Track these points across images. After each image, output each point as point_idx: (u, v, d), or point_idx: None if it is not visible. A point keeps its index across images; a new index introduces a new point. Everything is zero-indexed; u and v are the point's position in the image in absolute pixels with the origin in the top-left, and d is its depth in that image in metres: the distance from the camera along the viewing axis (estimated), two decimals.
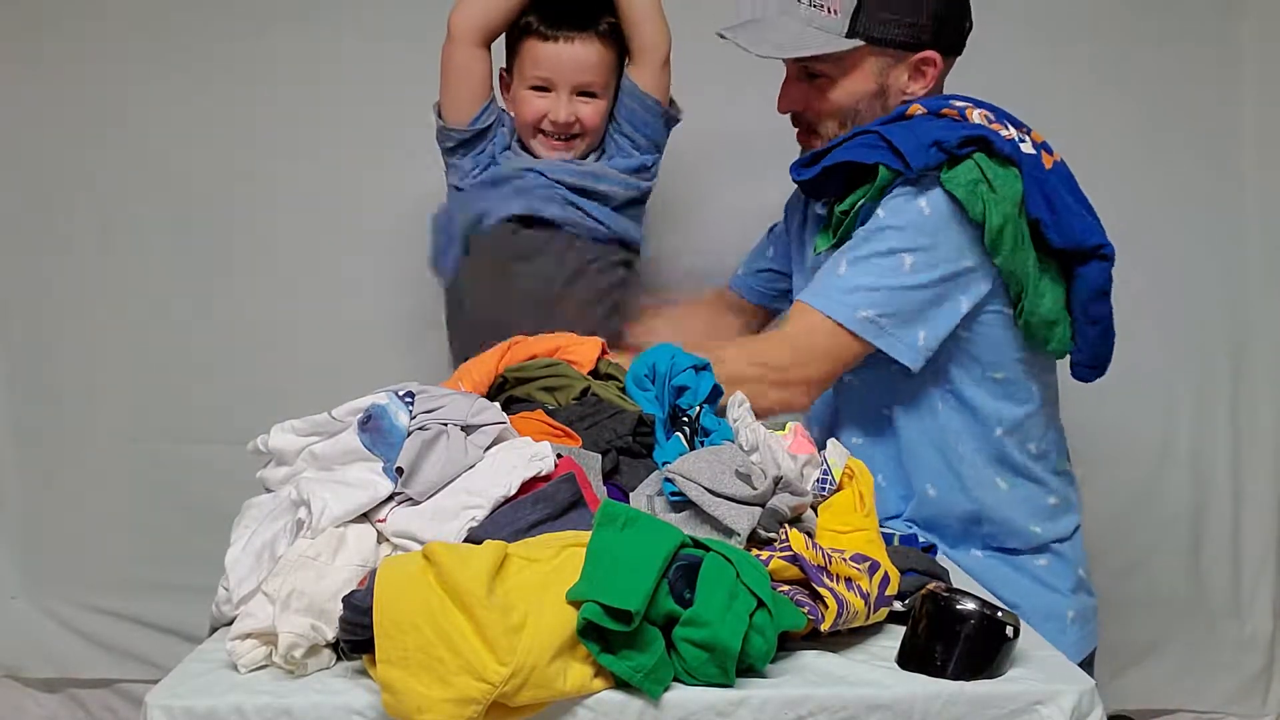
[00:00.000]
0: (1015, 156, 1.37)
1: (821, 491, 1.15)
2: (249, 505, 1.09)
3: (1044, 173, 1.39)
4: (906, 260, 1.36)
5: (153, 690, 0.87)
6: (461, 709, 0.83)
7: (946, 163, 1.36)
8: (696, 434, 1.23)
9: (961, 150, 1.35)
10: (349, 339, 1.99)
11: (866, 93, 1.46)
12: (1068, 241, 1.39)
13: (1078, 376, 1.53)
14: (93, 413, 2.03)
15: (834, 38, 1.41)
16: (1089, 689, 0.92)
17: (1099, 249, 1.41)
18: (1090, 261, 1.42)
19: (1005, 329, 1.43)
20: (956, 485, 1.46)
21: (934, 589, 0.98)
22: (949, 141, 1.35)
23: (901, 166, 1.35)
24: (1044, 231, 1.38)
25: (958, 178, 1.35)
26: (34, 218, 2.01)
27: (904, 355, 1.37)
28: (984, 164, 1.35)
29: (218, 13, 1.96)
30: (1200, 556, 2.13)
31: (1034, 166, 1.38)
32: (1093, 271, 1.42)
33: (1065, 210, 1.39)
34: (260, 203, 1.99)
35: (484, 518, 0.99)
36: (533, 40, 1.53)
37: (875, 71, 1.45)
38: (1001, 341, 1.44)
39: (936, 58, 1.45)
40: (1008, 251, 1.36)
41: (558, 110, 1.54)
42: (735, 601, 0.89)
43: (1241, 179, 2.06)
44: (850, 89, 1.46)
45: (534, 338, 1.40)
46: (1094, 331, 1.46)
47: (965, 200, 1.34)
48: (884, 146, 1.38)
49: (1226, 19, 2.01)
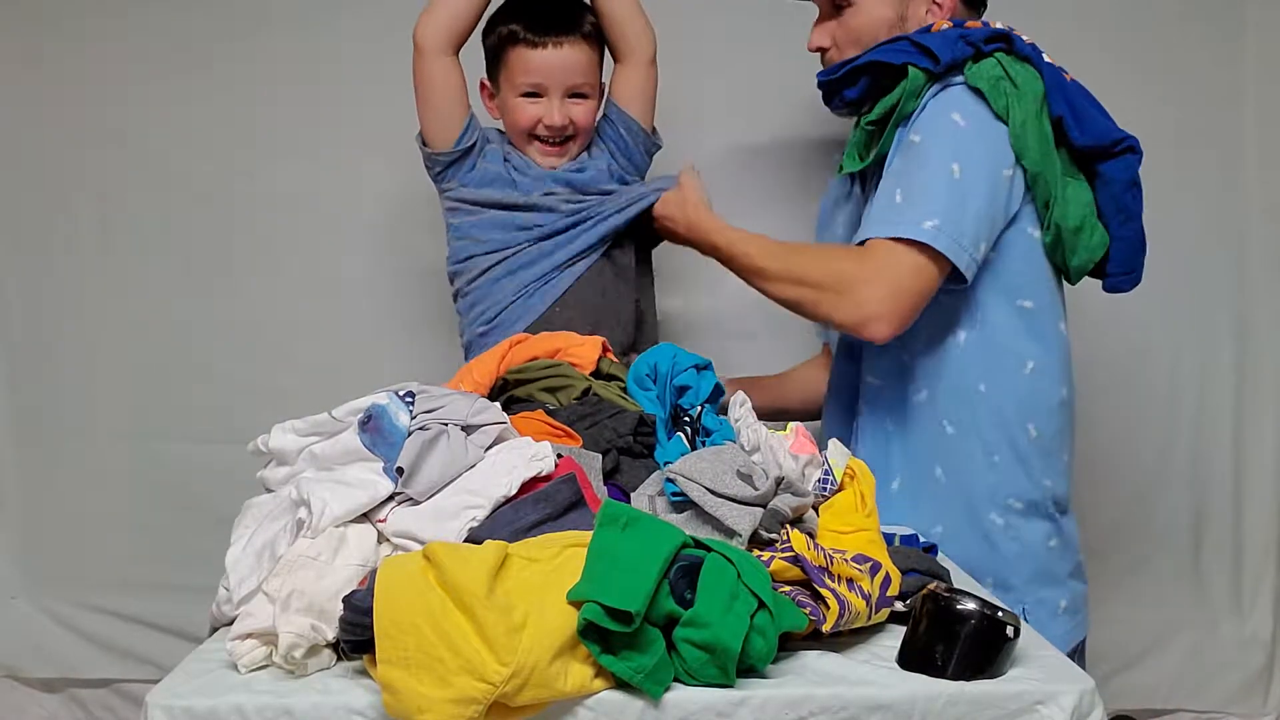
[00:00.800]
0: (1034, 57, 1.41)
1: (823, 492, 1.15)
2: (249, 505, 1.09)
3: (1062, 78, 1.43)
4: (955, 169, 1.37)
5: (153, 690, 0.87)
6: (462, 709, 0.83)
7: (971, 58, 1.40)
8: (698, 434, 1.23)
9: (987, 46, 1.40)
10: (349, 339, 1.99)
11: (886, 20, 1.50)
12: (1091, 138, 1.41)
13: (1112, 288, 1.52)
14: (93, 413, 2.03)
15: None
16: (1089, 689, 0.92)
17: (1123, 142, 1.43)
18: (1117, 158, 1.44)
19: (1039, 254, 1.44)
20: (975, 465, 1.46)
21: (935, 589, 0.98)
22: (975, 36, 1.40)
23: (930, 63, 1.39)
24: (1067, 130, 1.40)
25: (981, 72, 1.39)
26: (34, 218, 2.01)
27: (969, 267, 1.37)
28: (1005, 61, 1.40)
29: (217, 13, 1.96)
30: (1200, 556, 2.13)
31: (1053, 71, 1.42)
32: (1121, 166, 1.44)
33: (1086, 109, 1.42)
34: (260, 203, 1.99)
35: (484, 518, 0.99)
36: (520, 48, 1.53)
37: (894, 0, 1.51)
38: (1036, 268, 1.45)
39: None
40: (1035, 154, 1.38)
41: (552, 114, 1.55)
42: (736, 602, 0.89)
43: (1244, 180, 2.05)
44: (870, 14, 1.51)
45: (535, 338, 1.40)
46: (1130, 229, 1.47)
47: (989, 94, 1.37)
48: (912, 49, 1.42)
49: (1230, 17, 2.01)
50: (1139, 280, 1.51)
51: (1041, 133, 1.39)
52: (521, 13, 1.54)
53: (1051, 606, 1.47)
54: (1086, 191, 1.45)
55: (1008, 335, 1.45)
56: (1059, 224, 1.42)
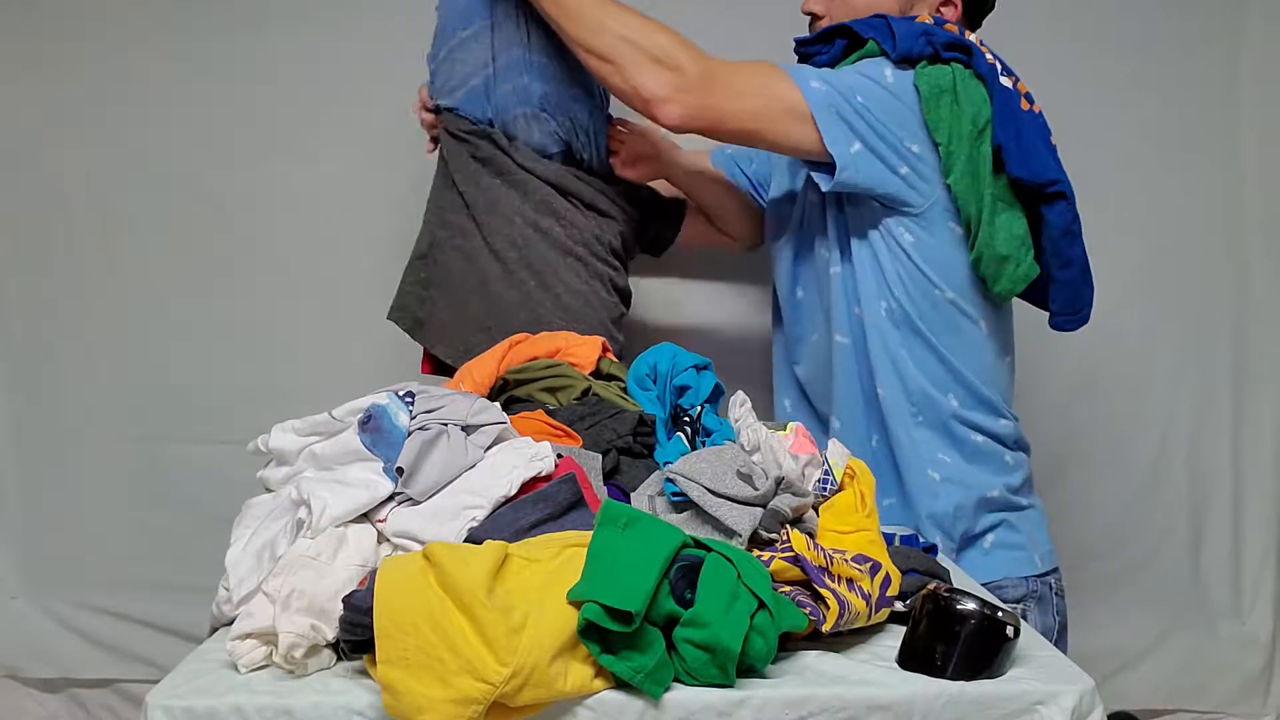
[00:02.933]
0: (990, 79, 1.40)
1: (823, 492, 1.15)
2: (249, 505, 1.09)
3: (1017, 108, 1.41)
4: (858, 95, 1.37)
5: (153, 690, 0.87)
6: (462, 709, 0.83)
7: (928, 58, 1.39)
8: (698, 434, 1.23)
9: (946, 53, 1.39)
10: (349, 339, 1.99)
11: (887, 7, 1.48)
12: (1027, 172, 1.40)
13: (1057, 326, 1.52)
14: (93, 413, 2.03)
15: None
16: (1089, 689, 0.92)
17: (1055, 184, 1.42)
18: (1051, 202, 1.42)
19: (956, 250, 1.44)
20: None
21: (935, 589, 0.98)
22: (938, 39, 1.39)
23: (889, 45, 1.39)
24: (1005, 159, 1.39)
25: (930, 76, 1.38)
26: (34, 218, 2.01)
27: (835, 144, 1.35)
28: (959, 74, 1.38)
29: (217, 13, 1.96)
30: (1200, 556, 2.13)
31: (1007, 98, 1.41)
32: (1056, 212, 1.43)
33: (1031, 146, 1.40)
34: (260, 203, 1.99)
35: (484, 518, 0.99)
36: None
37: None
38: (953, 261, 1.44)
39: (957, 3, 1.51)
40: (960, 173, 1.38)
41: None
42: (736, 602, 0.89)
43: (1244, 180, 2.06)
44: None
45: (535, 338, 1.40)
46: (1068, 274, 1.46)
47: (926, 101, 1.37)
48: (883, 28, 1.42)
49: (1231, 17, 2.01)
50: (1086, 320, 1.51)
51: (971, 155, 1.38)
52: None
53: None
54: (1021, 223, 1.43)
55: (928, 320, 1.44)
56: (985, 250, 1.41)
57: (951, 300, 1.44)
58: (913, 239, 1.43)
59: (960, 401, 1.46)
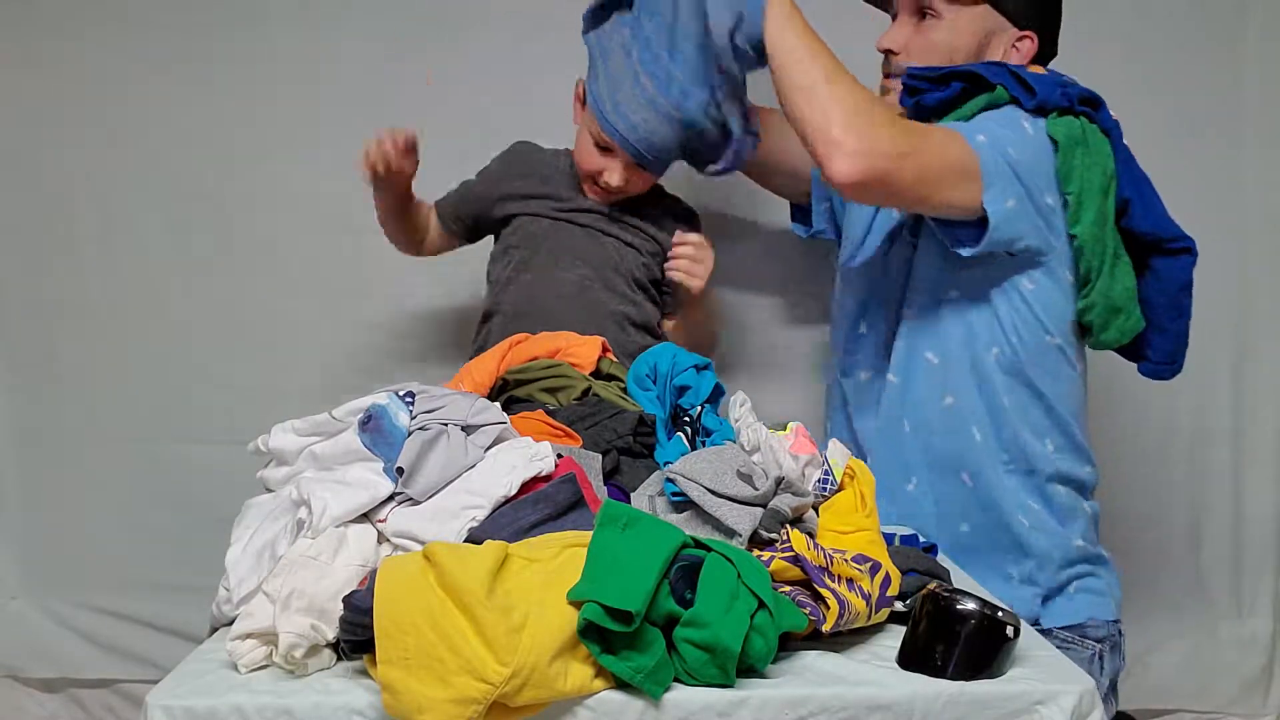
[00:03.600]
0: (1114, 134, 1.41)
1: (823, 492, 1.15)
2: (249, 505, 1.09)
3: (1134, 161, 1.44)
4: (1009, 147, 1.36)
5: (153, 690, 0.87)
6: (462, 709, 0.83)
7: (1058, 110, 1.39)
8: (698, 434, 1.23)
9: (1080, 106, 1.39)
10: (349, 339, 1.99)
11: (966, 47, 1.49)
12: (1153, 227, 1.42)
13: (1153, 374, 1.54)
14: (93, 413, 2.03)
15: None
16: (1089, 689, 0.92)
17: (1180, 241, 1.45)
18: (1176, 255, 1.45)
19: (1066, 297, 1.45)
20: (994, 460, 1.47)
21: (934, 589, 0.98)
22: (1073, 91, 1.39)
23: (1023, 94, 1.38)
24: (1131, 212, 1.41)
25: (1064, 126, 1.38)
26: (34, 218, 2.00)
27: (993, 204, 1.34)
28: (1086, 126, 1.39)
29: (217, 12, 1.96)
30: (1200, 556, 2.13)
31: (1128, 154, 1.43)
32: (1177, 265, 1.46)
33: (1152, 200, 1.43)
34: (260, 203, 1.99)
35: (484, 518, 0.99)
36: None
37: (982, 29, 1.49)
38: (1063, 308, 1.45)
39: (1034, 41, 1.50)
40: (1088, 225, 1.38)
41: (612, 175, 1.54)
42: (736, 602, 0.89)
43: (1244, 181, 2.05)
44: (954, 35, 1.49)
45: (535, 338, 1.40)
46: (1179, 325, 1.49)
47: (1061, 151, 1.37)
48: (1009, 76, 1.41)
49: (1233, 18, 2.01)
50: (1180, 370, 1.54)
51: (1100, 209, 1.39)
52: None
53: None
54: (1132, 276, 1.46)
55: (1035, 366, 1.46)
56: (1100, 300, 1.43)
57: (1058, 346, 1.46)
58: (1032, 286, 1.44)
59: (1056, 446, 1.48)
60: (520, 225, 1.61)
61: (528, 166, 1.63)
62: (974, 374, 1.45)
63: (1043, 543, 1.47)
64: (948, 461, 1.48)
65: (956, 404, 1.46)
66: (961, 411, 1.46)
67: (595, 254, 1.58)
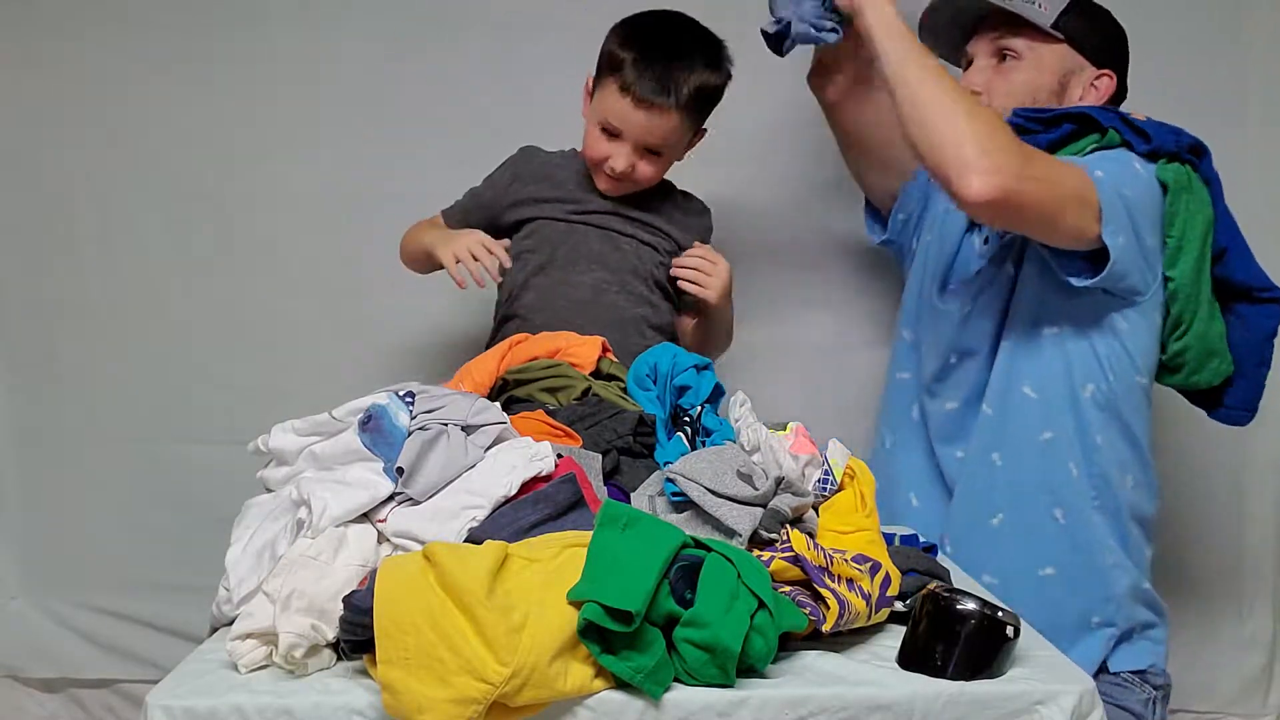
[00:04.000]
0: (1214, 183, 1.44)
1: (823, 492, 1.15)
2: (249, 505, 1.09)
3: (1230, 213, 1.47)
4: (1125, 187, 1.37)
5: (153, 690, 0.87)
6: (462, 709, 0.83)
7: (1169, 156, 1.41)
8: (698, 434, 1.23)
9: (1188, 154, 1.42)
10: (349, 339, 1.99)
11: (1048, 86, 1.53)
12: (1247, 275, 1.46)
13: (1231, 420, 1.56)
14: (93, 413, 2.03)
15: (1042, 17, 1.52)
16: (1089, 689, 0.92)
17: (1270, 291, 1.48)
18: (1263, 304, 1.48)
19: (1154, 338, 1.47)
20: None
21: (934, 589, 0.98)
22: (1184, 139, 1.42)
23: (1136, 139, 1.40)
24: (1228, 261, 1.45)
25: (1173, 172, 1.40)
26: (34, 218, 2.00)
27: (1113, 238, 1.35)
28: (1192, 175, 1.42)
29: (217, 12, 1.96)
30: (1200, 556, 2.13)
31: (1223, 201, 1.46)
32: (1266, 314, 1.49)
33: (1246, 250, 1.47)
34: (260, 203, 1.99)
35: (484, 518, 0.99)
36: (620, 92, 1.50)
37: (1062, 68, 1.53)
38: (1151, 348, 1.48)
39: (1113, 79, 1.55)
40: (1185, 270, 1.41)
41: (618, 160, 1.54)
42: (736, 602, 0.89)
43: (1244, 182, 2.04)
44: (1036, 74, 1.53)
45: (535, 338, 1.40)
46: (1262, 372, 1.51)
47: (1171, 194, 1.39)
48: (1120, 121, 1.43)
49: (1235, 14, 2.01)
50: (1254, 416, 1.56)
51: (1200, 253, 1.42)
52: (642, 54, 1.50)
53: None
54: (1222, 321, 1.48)
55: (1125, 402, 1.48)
56: (1196, 343, 1.45)
57: (1144, 385, 1.49)
58: (1126, 325, 1.46)
59: (1135, 482, 1.50)
60: (534, 229, 1.60)
61: (537, 170, 1.62)
62: (1072, 409, 1.47)
63: (1124, 583, 1.48)
64: (1041, 497, 1.48)
65: (1055, 439, 1.47)
66: (1059, 446, 1.47)
67: (612, 256, 1.58)
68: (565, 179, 1.61)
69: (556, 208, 1.59)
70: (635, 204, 1.60)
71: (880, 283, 1.97)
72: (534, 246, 1.59)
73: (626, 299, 1.57)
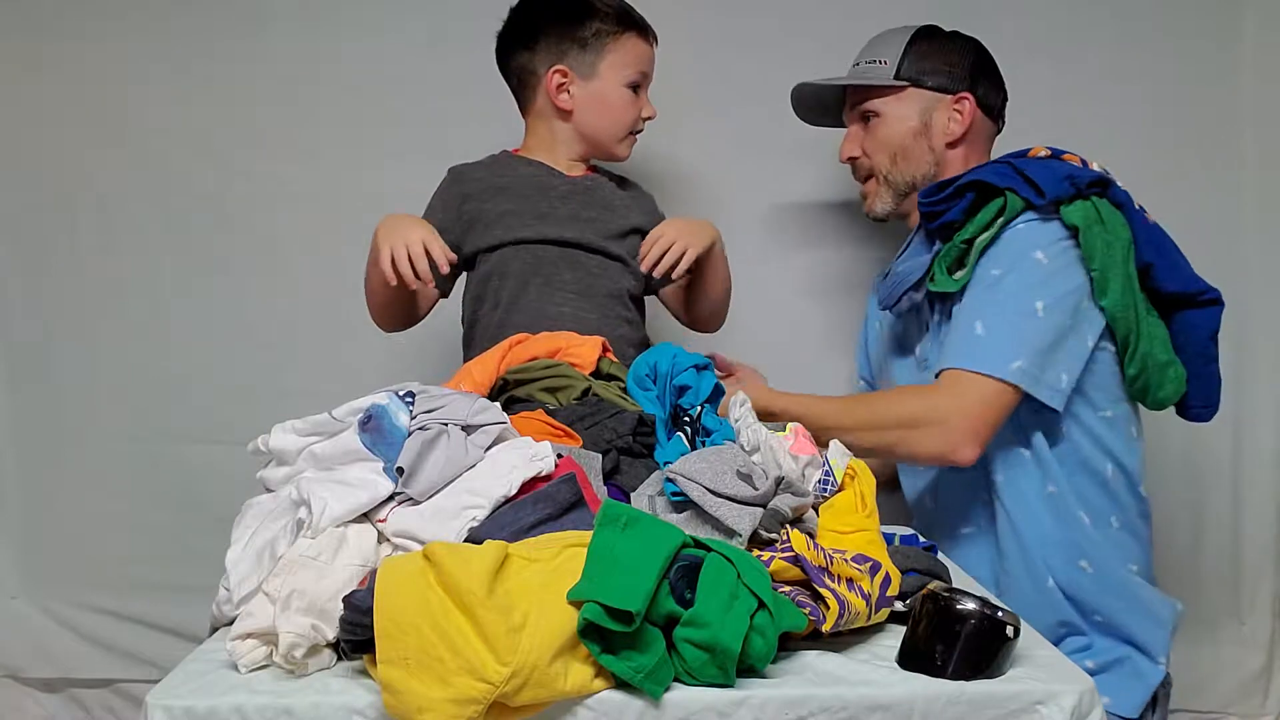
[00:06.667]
0: (1127, 205, 1.48)
1: (823, 492, 1.15)
2: (249, 505, 1.09)
3: (1152, 225, 1.50)
4: (1039, 307, 1.43)
5: (153, 690, 0.87)
6: (462, 709, 0.83)
7: (1069, 198, 1.46)
8: (698, 434, 1.23)
9: (1089, 190, 1.46)
10: (349, 339, 1.99)
11: (911, 130, 1.65)
12: (1179, 285, 1.50)
13: (1194, 417, 1.61)
14: (93, 413, 2.03)
15: (883, 78, 1.65)
16: (1089, 689, 0.92)
17: (1205, 294, 1.52)
18: (1202, 307, 1.52)
19: (1113, 366, 1.51)
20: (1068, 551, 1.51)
21: (934, 589, 0.98)
22: (1081, 179, 1.46)
23: (1032, 194, 1.45)
24: (1155, 275, 1.48)
25: (1078, 211, 1.45)
26: (34, 218, 2.01)
27: (1053, 399, 1.44)
28: (1100, 205, 1.46)
29: (217, 13, 1.96)
30: (1200, 556, 2.13)
31: (1143, 219, 1.50)
32: (1204, 316, 1.53)
33: (1173, 259, 1.50)
34: (260, 203, 1.99)
35: (484, 518, 0.99)
36: (634, 38, 1.56)
37: (918, 110, 1.64)
38: (1110, 380, 1.51)
39: (971, 99, 1.63)
40: (1116, 295, 1.45)
41: (649, 106, 1.61)
42: (736, 602, 0.89)
43: (1242, 183, 2.05)
44: (897, 124, 1.65)
45: (535, 338, 1.40)
46: (1211, 369, 1.55)
47: (1083, 234, 1.44)
48: (1016, 176, 1.48)
49: (1228, 15, 2.01)
50: (1217, 410, 1.60)
51: (1126, 275, 1.45)
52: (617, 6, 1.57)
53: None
54: (1162, 326, 1.52)
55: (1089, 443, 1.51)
56: (1146, 359, 1.49)
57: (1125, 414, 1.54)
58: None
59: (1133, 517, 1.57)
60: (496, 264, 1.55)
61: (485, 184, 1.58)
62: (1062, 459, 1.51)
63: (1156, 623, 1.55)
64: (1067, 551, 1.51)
65: (1059, 491, 1.51)
66: (1065, 498, 1.51)
67: (582, 281, 1.55)
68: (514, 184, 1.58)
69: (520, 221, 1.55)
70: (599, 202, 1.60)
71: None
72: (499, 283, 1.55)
73: (606, 322, 1.55)
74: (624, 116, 1.58)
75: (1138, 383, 1.52)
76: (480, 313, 1.57)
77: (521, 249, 1.55)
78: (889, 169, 1.67)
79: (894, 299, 1.60)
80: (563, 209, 1.56)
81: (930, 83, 1.63)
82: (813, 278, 2.02)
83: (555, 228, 1.55)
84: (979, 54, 1.65)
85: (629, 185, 1.69)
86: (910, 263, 1.58)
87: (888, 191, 1.68)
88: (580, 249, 1.56)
